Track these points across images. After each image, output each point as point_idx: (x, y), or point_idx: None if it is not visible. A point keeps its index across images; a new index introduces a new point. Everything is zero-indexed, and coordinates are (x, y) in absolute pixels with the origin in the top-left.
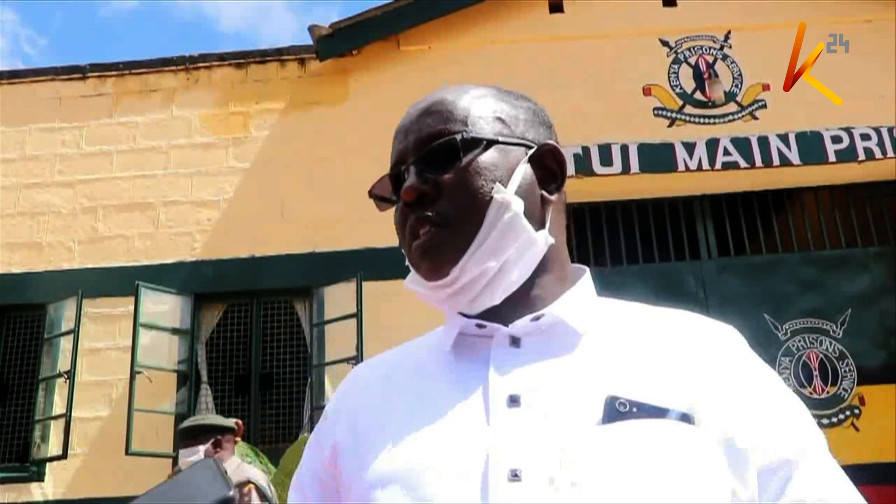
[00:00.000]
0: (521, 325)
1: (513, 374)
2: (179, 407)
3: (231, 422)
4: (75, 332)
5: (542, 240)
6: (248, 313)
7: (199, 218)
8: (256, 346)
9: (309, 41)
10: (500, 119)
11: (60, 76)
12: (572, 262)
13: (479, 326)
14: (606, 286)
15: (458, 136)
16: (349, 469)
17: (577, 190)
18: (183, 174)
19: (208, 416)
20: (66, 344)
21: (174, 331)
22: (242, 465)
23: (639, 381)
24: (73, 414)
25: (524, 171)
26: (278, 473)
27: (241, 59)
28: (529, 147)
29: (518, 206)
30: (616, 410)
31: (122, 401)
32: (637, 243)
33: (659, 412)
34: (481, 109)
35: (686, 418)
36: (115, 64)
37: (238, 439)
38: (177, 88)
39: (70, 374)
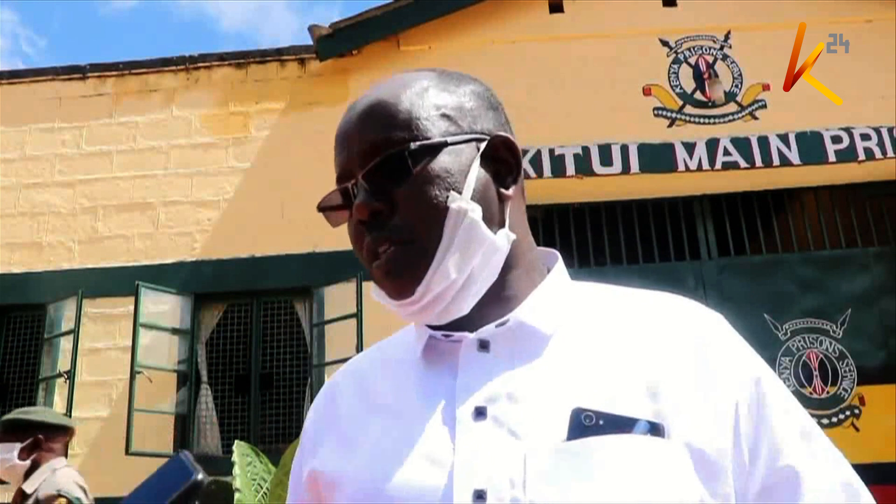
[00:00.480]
0: (486, 331)
1: (479, 385)
2: (179, 407)
3: (63, 420)
4: (75, 332)
5: (504, 241)
6: (248, 313)
7: (199, 218)
8: (256, 346)
9: (309, 41)
10: (446, 116)
11: (60, 76)
12: (571, 262)
13: (447, 336)
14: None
15: (406, 148)
16: (326, 490)
17: (577, 190)
18: (183, 174)
19: (37, 409)
20: (66, 344)
21: (174, 331)
22: (60, 471)
23: (607, 387)
24: (73, 414)
25: (477, 171)
26: (278, 472)
27: (241, 59)
28: (480, 140)
29: (476, 212)
30: (581, 424)
31: (122, 401)
32: (637, 243)
33: (626, 424)
34: (425, 108)
35: (655, 429)
36: (115, 64)
37: (69, 439)
38: (177, 88)
39: (70, 374)
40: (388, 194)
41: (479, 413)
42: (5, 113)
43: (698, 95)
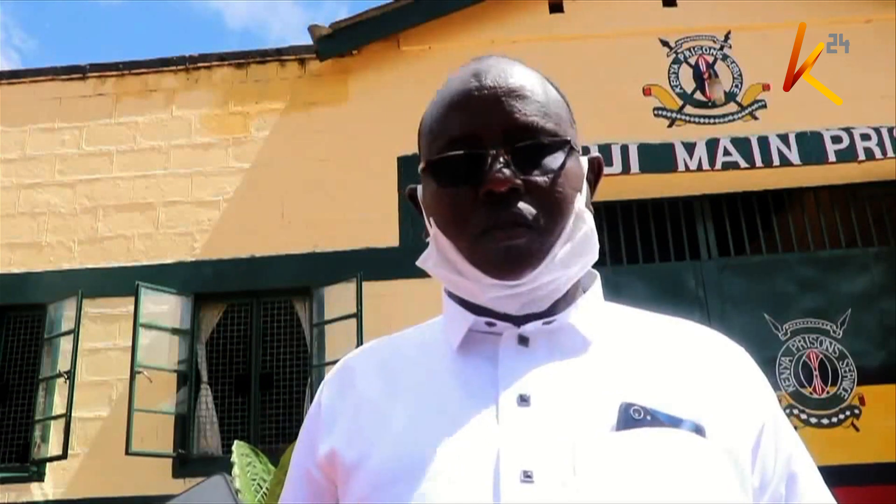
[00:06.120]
0: (531, 328)
1: (522, 374)
2: (179, 407)
3: None
4: (75, 332)
5: (597, 251)
6: (248, 313)
7: (199, 218)
8: (256, 346)
9: (309, 41)
10: (572, 124)
11: (60, 76)
12: None
13: (489, 324)
14: (606, 286)
15: (566, 142)
16: (347, 468)
17: None
18: (183, 174)
19: None
20: (66, 344)
21: (174, 331)
22: None
23: (652, 390)
24: (73, 414)
25: (585, 184)
26: (277, 472)
27: (242, 59)
28: (583, 154)
29: (591, 220)
30: (631, 417)
31: (122, 401)
32: (637, 243)
33: (673, 422)
34: (562, 108)
35: (698, 430)
36: (115, 64)
37: None
38: (177, 88)
39: (70, 374)
40: (528, 176)
41: (523, 400)
42: (5, 113)
43: (698, 95)
